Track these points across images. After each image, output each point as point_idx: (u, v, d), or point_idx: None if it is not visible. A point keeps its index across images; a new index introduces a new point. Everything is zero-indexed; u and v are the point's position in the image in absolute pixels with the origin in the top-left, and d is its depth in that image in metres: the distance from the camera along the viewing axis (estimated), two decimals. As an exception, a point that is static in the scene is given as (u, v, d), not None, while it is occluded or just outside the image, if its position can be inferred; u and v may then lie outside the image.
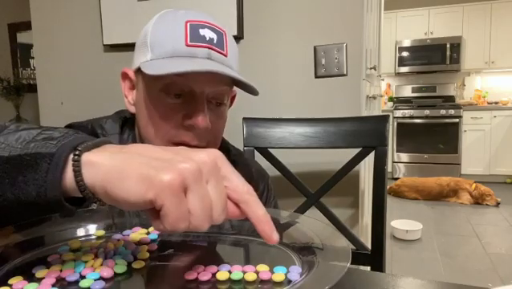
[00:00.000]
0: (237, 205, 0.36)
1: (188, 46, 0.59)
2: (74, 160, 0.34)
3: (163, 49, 0.61)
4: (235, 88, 0.72)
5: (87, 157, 0.34)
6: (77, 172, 0.34)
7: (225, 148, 0.79)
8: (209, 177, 0.34)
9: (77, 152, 0.34)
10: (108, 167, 0.33)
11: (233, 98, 0.75)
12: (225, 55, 0.61)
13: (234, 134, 0.98)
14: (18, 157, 0.35)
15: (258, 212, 0.36)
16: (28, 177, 0.34)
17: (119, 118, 0.71)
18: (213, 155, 0.35)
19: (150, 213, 0.33)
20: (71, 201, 0.36)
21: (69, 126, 0.71)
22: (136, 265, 0.42)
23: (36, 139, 0.36)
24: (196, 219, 0.32)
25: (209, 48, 0.60)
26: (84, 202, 0.38)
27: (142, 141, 0.66)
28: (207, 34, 0.60)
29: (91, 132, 0.69)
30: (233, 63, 0.62)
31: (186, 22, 0.60)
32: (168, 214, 0.31)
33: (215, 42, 0.60)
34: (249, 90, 0.64)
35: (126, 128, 0.71)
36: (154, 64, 0.59)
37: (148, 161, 0.33)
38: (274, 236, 0.36)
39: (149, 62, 0.60)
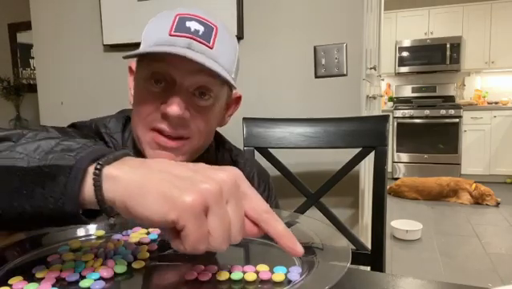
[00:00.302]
0: (255, 223, 0.36)
1: (170, 36, 0.59)
2: (95, 174, 0.34)
3: (149, 40, 0.62)
4: (238, 90, 0.72)
5: (108, 171, 0.34)
6: (97, 187, 0.33)
7: (227, 148, 0.79)
8: (229, 197, 0.34)
9: (98, 166, 0.34)
10: (129, 182, 0.33)
11: (237, 99, 0.74)
12: (210, 48, 0.60)
13: (234, 134, 0.98)
14: (37, 168, 0.34)
15: (278, 228, 0.36)
16: (46, 190, 0.34)
17: (122, 117, 0.72)
18: (233, 174, 0.35)
19: (170, 232, 0.33)
20: (86, 212, 0.36)
21: (72, 125, 0.71)
22: (136, 265, 0.42)
23: (55, 150, 0.36)
24: (215, 240, 0.32)
25: (190, 38, 0.59)
26: (99, 215, 0.38)
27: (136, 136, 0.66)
28: (193, 26, 0.60)
29: (94, 132, 0.69)
30: (219, 56, 0.61)
31: (176, 16, 0.61)
32: (189, 236, 0.31)
33: (200, 33, 0.60)
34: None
35: (128, 126, 0.71)
36: (135, 51, 0.60)
37: (169, 178, 0.33)
38: (299, 248, 0.36)
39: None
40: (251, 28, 1.45)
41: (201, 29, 0.60)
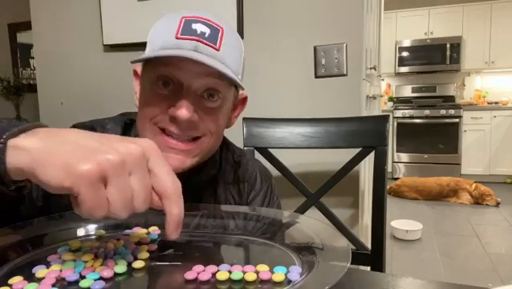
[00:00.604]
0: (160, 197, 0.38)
1: (177, 39, 0.59)
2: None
3: (155, 43, 0.61)
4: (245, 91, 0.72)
5: (14, 142, 0.36)
6: (3, 157, 0.36)
7: (230, 150, 0.79)
8: (133, 169, 0.36)
9: (1, 140, 0.36)
10: (35, 151, 0.35)
11: (243, 100, 0.73)
12: (217, 49, 0.60)
13: (234, 134, 0.98)
14: None
15: (172, 210, 0.38)
16: None
17: (121, 120, 0.71)
18: (142, 146, 0.37)
19: (72, 198, 0.35)
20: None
21: (73, 127, 0.71)
22: (136, 265, 0.42)
23: None
24: (114, 208, 0.35)
25: (197, 41, 0.59)
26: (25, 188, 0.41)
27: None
28: (199, 28, 0.60)
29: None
30: (227, 58, 0.61)
31: (182, 18, 0.61)
32: (83, 202, 0.33)
33: (206, 36, 0.60)
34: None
35: (128, 129, 0.71)
36: (141, 55, 0.60)
37: (72, 148, 0.35)
38: (173, 235, 0.39)
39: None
40: (251, 28, 1.45)
41: (208, 31, 0.60)
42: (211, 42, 0.60)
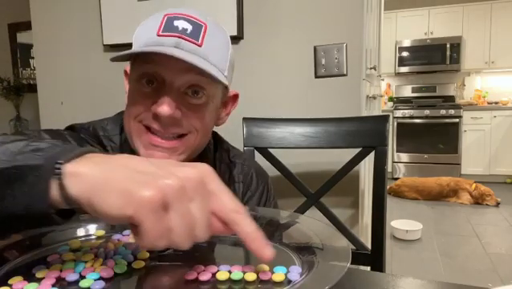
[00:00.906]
0: (223, 222, 0.36)
1: (158, 36, 0.59)
2: (56, 173, 0.33)
3: (139, 42, 0.62)
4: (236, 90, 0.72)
5: (71, 168, 0.34)
6: (61, 184, 0.33)
7: (225, 149, 0.79)
8: (194, 195, 0.33)
9: (57, 166, 0.34)
10: (91, 178, 0.33)
11: (234, 97, 0.73)
12: (199, 45, 0.60)
13: (234, 134, 0.98)
14: (5, 170, 0.34)
15: (246, 230, 0.35)
16: (16, 191, 0.34)
17: (119, 119, 0.71)
18: (200, 171, 0.35)
19: (132, 227, 0.33)
20: (62, 212, 0.36)
21: (70, 127, 0.71)
22: (136, 265, 0.42)
23: (23, 151, 0.36)
24: (177, 237, 0.32)
25: (178, 37, 0.59)
26: (74, 214, 0.38)
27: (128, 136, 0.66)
28: (181, 24, 0.60)
29: (92, 134, 0.69)
30: (210, 54, 0.60)
31: (164, 16, 0.61)
32: (146, 231, 0.31)
33: (188, 32, 0.59)
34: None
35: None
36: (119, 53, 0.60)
37: (130, 175, 0.32)
38: (267, 252, 0.35)
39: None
40: (251, 28, 1.45)
41: (190, 27, 0.60)
42: (193, 38, 0.59)
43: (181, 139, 0.62)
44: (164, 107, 0.58)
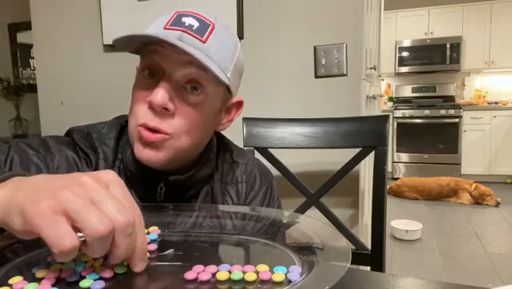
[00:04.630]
0: None
1: (165, 29, 0.60)
2: None
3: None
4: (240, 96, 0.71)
5: None
6: None
7: (228, 149, 0.79)
8: (93, 194, 0.36)
9: None
10: (1, 201, 0.37)
11: (238, 104, 0.71)
12: (203, 41, 0.59)
13: (234, 134, 0.98)
14: None
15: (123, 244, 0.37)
16: None
17: (117, 123, 0.71)
18: (102, 177, 0.39)
19: (42, 242, 0.35)
20: None
21: (68, 131, 0.71)
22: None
23: None
24: (88, 232, 0.35)
25: (182, 31, 0.59)
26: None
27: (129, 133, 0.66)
28: (188, 21, 0.60)
29: (85, 137, 0.68)
30: (212, 52, 0.60)
31: (175, 13, 0.61)
32: (48, 238, 0.34)
33: (194, 28, 0.59)
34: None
35: (124, 130, 0.70)
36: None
37: (29, 193, 0.36)
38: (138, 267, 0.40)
39: None
40: (251, 28, 1.45)
41: (196, 24, 0.60)
42: (197, 34, 0.59)
43: (167, 135, 0.60)
44: (158, 96, 0.57)
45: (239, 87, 0.71)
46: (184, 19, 0.60)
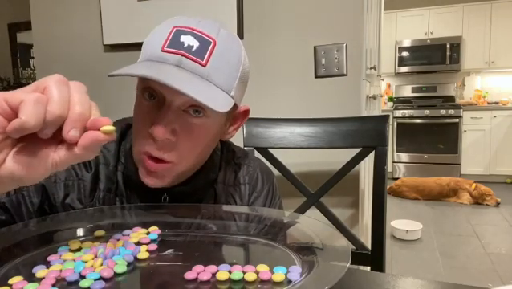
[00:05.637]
0: None
1: (162, 51, 0.57)
2: None
3: (145, 52, 0.60)
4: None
5: None
6: None
7: (231, 150, 0.78)
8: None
9: None
10: None
11: (244, 113, 0.70)
12: (203, 65, 0.57)
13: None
14: None
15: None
16: None
17: (119, 126, 0.70)
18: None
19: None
20: None
21: None
22: (136, 264, 0.42)
23: None
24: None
25: (181, 55, 0.56)
26: None
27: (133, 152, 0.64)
28: (187, 40, 0.57)
29: None
30: (214, 74, 0.57)
31: (173, 28, 0.58)
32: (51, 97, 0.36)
33: (193, 49, 0.57)
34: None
35: (127, 134, 0.70)
36: (126, 66, 0.58)
37: None
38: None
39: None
40: (251, 28, 1.45)
41: (196, 44, 0.57)
42: (197, 57, 0.56)
43: (169, 163, 0.60)
44: (158, 130, 0.56)
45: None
46: (183, 38, 0.57)
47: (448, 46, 4.92)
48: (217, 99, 0.56)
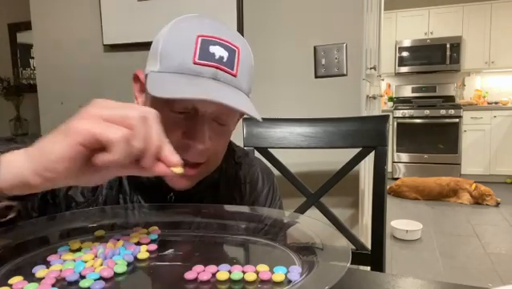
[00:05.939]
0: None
1: (195, 63, 0.56)
2: None
3: (171, 62, 0.58)
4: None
5: (3, 158, 0.40)
6: None
7: (231, 150, 0.79)
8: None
9: None
10: (27, 154, 0.40)
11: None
12: (235, 75, 0.59)
13: (234, 134, 0.98)
14: None
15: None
16: None
17: None
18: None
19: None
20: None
21: None
22: (136, 264, 0.42)
23: None
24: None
25: (216, 68, 0.57)
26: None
27: None
28: (217, 51, 0.58)
29: None
30: (242, 82, 0.60)
31: (198, 37, 0.58)
32: (106, 139, 0.39)
33: (224, 60, 0.58)
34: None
35: None
36: (159, 80, 0.57)
37: (55, 134, 0.42)
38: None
39: (156, 74, 0.58)
40: (251, 28, 1.45)
41: (226, 55, 0.58)
42: (229, 68, 0.58)
43: (202, 164, 0.62)
44: (200, 142, 0.58)
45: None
46: (212, 49, 0.57)
47: (448, 46, 4.92)
48: (253, 108, 0.60)
